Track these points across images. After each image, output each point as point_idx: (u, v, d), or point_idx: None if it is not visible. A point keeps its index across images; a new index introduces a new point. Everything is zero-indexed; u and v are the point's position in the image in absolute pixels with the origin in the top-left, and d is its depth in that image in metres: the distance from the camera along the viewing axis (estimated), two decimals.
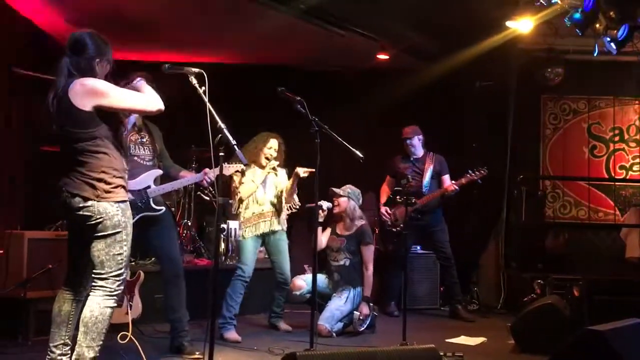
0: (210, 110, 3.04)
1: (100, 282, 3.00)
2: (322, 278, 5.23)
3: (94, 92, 2.96)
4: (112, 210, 2.99)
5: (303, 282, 5.13)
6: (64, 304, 3.15)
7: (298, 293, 5.13)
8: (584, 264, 6.43)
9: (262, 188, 4.91)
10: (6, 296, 4.25)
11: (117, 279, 3.02)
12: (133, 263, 5.09)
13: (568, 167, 7.10)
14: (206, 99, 3.07)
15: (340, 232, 5.31)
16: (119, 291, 3.05)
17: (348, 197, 5.25)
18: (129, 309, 4.32)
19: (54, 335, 3.15)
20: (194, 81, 3.14)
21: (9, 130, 5.87)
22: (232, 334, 4.65)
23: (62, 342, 3.14)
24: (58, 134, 3.03)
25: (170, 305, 4.12)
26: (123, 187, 3.09)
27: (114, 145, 3.10)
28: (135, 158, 3.99)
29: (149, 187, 3.98)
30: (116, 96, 3.00)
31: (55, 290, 3.31)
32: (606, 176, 7.09)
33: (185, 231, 6.17)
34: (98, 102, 2.96)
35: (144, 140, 4.09)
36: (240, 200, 4.89)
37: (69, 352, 3.11)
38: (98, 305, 2.98)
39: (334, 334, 4.87)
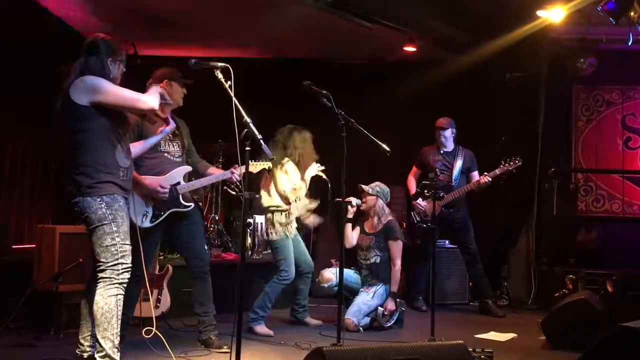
0: (236, 105, 3.04)
1: (100, 274, 3.07)
2: (350, 273, 5.22)
3: (91, 88, 3.06)
4: (95, 204, 3.05)
5: (332, 275, 5.10)
6: (89, 296, 3.22)
7: (326, 285, 5.11)
8: (617, 259, 6.29)
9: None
10: (38, 289, 4.33)
11: (115, 269, 3.07)
12: (162, 257, 5.14)
13: (601, 159, 6.93)
14: (232, 94, 3.07)
15: (368, 230, 5.27)
16: (122, 280, 3.09)
17: (377, 196, 5.21)
18: (152, 302, 4.37)
19: (82, 327, 3.30)
20: (220, 76, 3.14)
21: (39, 127, 5.96)
22: (263, 328, 4.66)
23: (89, 333, 3.26)
24: (61, 128, 3.14)
25: (198, 299, 4.16)
26: (113, 183, 3.12)
27: (111, 141, 3.14)
28: (166, 154, 4.02)
29: (178, 183, 4.00)
30: (111, 93, 3.09)
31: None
32: None
33: (212, 225, 6.22)
34: (95, 98, 3.06)
35: (174, 136, 4.10)
36: (295, 200, 4.80)
37: None
38: (101, 296, 3.04)
39: (361, 329, 4.86)
